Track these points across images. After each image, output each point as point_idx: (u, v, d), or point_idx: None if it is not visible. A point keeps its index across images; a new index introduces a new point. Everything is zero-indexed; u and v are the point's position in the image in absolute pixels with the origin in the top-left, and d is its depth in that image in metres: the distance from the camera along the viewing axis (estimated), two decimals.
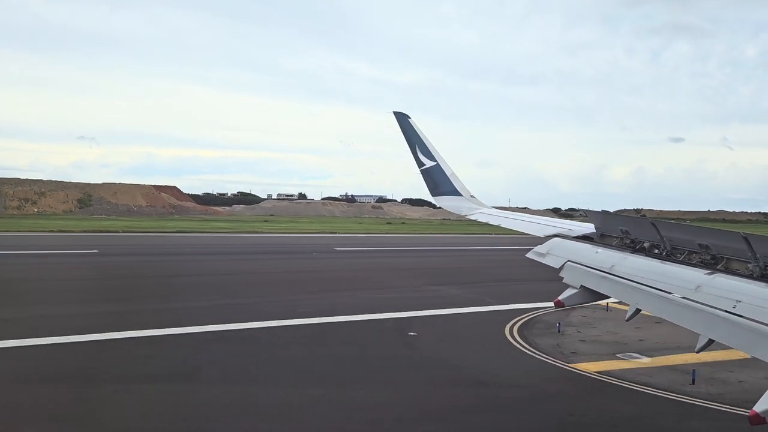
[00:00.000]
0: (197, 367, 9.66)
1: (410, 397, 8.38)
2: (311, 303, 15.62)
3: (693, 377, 9.24)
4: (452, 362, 10.43)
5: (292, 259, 27.86)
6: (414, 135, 9.59)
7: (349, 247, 34.45)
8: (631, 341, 12.17)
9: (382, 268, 24.57)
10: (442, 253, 33.68)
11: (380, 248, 34.33)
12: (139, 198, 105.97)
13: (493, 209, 9.33)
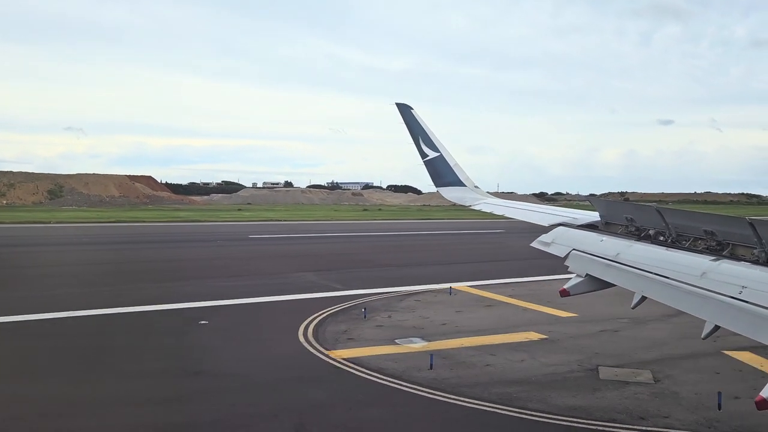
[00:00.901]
0: None
1: (101, 390, 8.07)
2: (144, 293, 15.30)
3: (431, 362, 9.04)
4: (208, 352, 10.04)
5: (189, 247, 27.71)
6: (417, 126, 9.50)
7: (275, 234, 34.29)
8: (432, 326, 11.95)
9: (274, 255, 24.38)
10: (366, 240, 33.47)
11: (303, 235, 34.17)
12: (112, 188, 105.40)
13: (496, 199, 9.26)
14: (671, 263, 4.31)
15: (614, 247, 5.06)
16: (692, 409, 7.58)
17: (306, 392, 8.07)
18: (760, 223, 3.81)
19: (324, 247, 28.85)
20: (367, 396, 8.01)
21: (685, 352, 10.40)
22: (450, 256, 25.98)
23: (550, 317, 13.02)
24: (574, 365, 9.41)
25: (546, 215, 7.12)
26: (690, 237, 4.59)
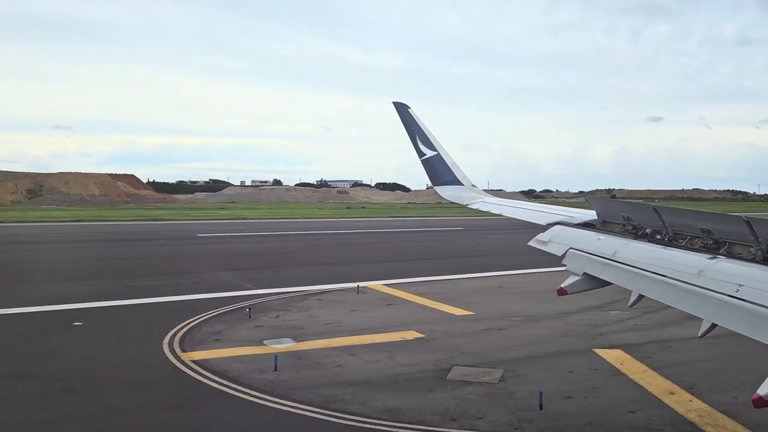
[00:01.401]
0: None
1: None
2: (35, 292, 15.10)
3: (275, 363, 8.89)
4: (58, 355, 9.83)
5: (126, 246, 27.38)
6: (414, 125, 9.49)
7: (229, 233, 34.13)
8: (314, 326, 11.76)
9: (206, 254, 24.24)
10: (321, 237, 33.34)
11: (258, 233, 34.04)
12: (93, 187, 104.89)
13: (493, 198, 9.30)
14: (668, 262, 4.32)
15: (611, 246, 5.05)
16: (514, 409, 7.45)
17: (123, 396, 7.87)
18: (756, 221, 3.82)
19: (269, 245, 28.66)
20: (186, 399, 7.82)
21: (554, 350, 10.28)
22: (394, 253, 25.87)
23: (445, 316, 12.89)
24: (429, 365, 9.26)
25: (543, 214, 7.09)
26: (687, 235, 4.60)
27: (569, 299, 14.76)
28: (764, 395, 3.02)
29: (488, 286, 16.85)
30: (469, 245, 29.53)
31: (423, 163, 9.49)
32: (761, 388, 3.05)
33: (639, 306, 16.06)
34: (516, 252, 26.68)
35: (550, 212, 7.16)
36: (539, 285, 17.30)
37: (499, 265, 21.10)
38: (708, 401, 7.75)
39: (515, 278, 18.58)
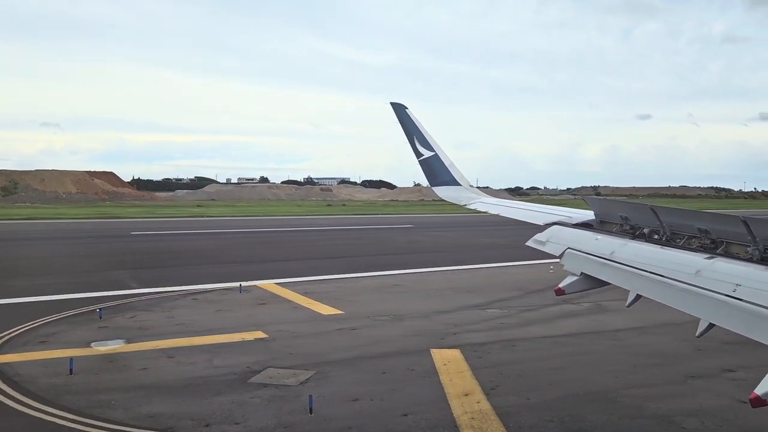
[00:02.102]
0: None
1: None
2: None
3: (70, 366, 8.57)
4: None
5: (42, 245, 26.87)
6: (411, 125, 9.45)
7: (169, 231, 33.86)
8: (162, 327, 11.42)
9: (122, 252, 23.84)
10: (263, 235, 33.04)
11: (199, 231, 33.77)
12: (69, 185, 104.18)
13: (491, 198, 9.29)
14: (666, 261, 4.32)
15: (609, 246, 5.03)
16: (283, 414, 7.15)
17: None
18: (753, 221, 3.81)
19: (195, 243, 28.26)
20: None
21: (391, 350, 10.00)
22: (318, 251, 25.55)
23: (311, 316, 12.59)
24: (242, 368, 8.95)
25: (541, 214, 7.03)
26: (684, 235, 4.59)
27: (454, 298, 14.57)
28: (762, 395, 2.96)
29: (384, 285, 16.57)
30: (403, 242, 29.29)
31: (421, 163, 9.49)
32: (759, 388, 2.99)
33: (517, 305, 15.91)
34: (444, 249, 26.48)
35: (547, 212, 7.14)
36: (438, 283, 17.07)
37: (417, 263, 20.86)
38: (495, 402, 7.49)
39: (419, 276, 18.33)
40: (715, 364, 9.26)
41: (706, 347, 10.55)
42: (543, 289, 16.06)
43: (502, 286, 16.39)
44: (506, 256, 23.32)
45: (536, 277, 18.42)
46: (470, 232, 36.65)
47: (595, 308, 13.76)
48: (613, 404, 7.59)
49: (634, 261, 4.63)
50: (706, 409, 7.43)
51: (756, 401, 2.99)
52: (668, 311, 12.87)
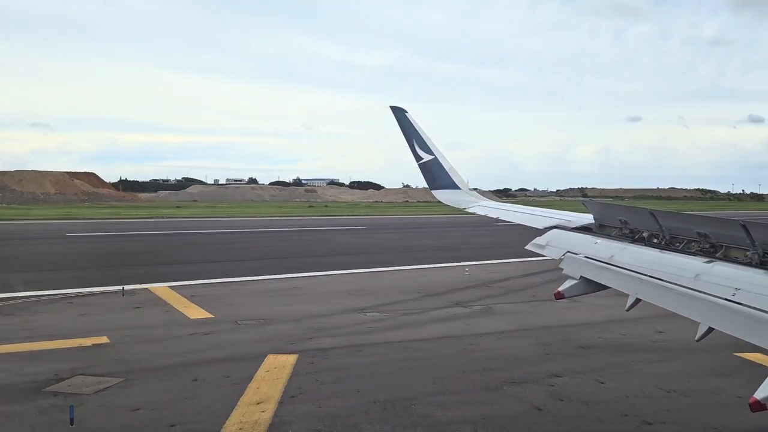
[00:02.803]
0: None
1: None
2: None
3: None
4: None
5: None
6: (411, 129, 9.39)
7: (121, 231, 33.53)
8: (8, 332, 11.11)
9: (37, 255, 23.45)
10: (202, 237, 32.69)
11: (141, 232, 33.40)
12: (48, 185, 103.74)
13: (491, 202, 9.22)
14: (665, 265, 4.29)
15: (608, 250, 5.04)
16: (50, 426, 6.85)
17: None
18: (752, 225, 3.82)
19: (131, 245, 27.93)
20: None
21: (226, 356, 9.67)
22: (254, 253, 25.24)
23: (175, 319, 12.26)
24: (49, 375, 8.59)
25: (540, 218, 7.04)
26: (683, 239, 4.56)
27: (345, 301, 14.27)
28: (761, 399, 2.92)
29: (282, 288, 16.27)
30: (341, 244, 29.04)
31: (420, 167, 9.45)
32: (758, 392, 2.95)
33: (403, 309, 15.64)
34: (377, 252, 26.17)
35: (546, 216, 7.13)
36: (340, 285, 16.77)
37: (336, 265, 20.56)
38: (282, 411, 7.17)
39: (327, 278, 18.02)
40: (545, 370, 9.00)
41: (557, 352, 10.33)
42: (444, 292, 15.83)
43: (404, 289, 16.11)
44: (438, 258, 23.10)
45: (449, 279, 18.19)
46: (425, 233, 36.45)
47: (483, 312, 13.51)
48: (403, 412, 7.30)
49: (633, 265, 4.61)
50: (492, 416, 7.15)
51: (755, 405, 2.93)
52: (551, 316, 12.45)
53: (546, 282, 17.98)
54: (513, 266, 21.15)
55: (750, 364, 9.57)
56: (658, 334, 11.54)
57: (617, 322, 12.68)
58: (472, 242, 31.54)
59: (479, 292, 16.01)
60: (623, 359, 9.75)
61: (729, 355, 10.15)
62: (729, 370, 9.13)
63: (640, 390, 8.21)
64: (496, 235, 34.25)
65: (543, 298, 15.17)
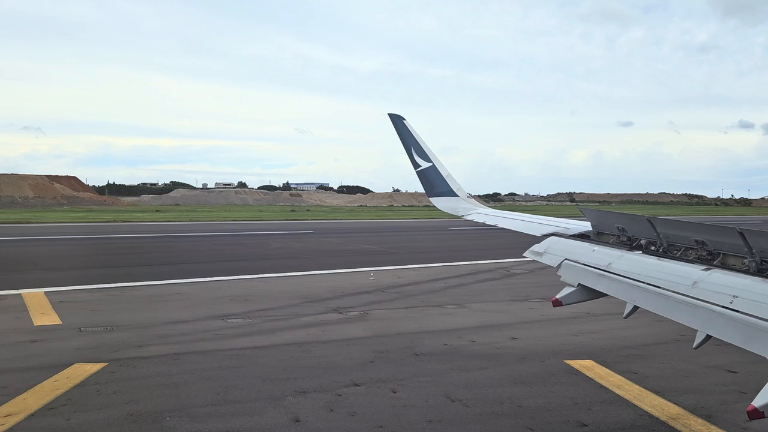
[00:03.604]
0: None
1: None
2: None
3: None
4: None
5: None
6: (409, 136, 9.39)
7: (67, 235, 33.14)
8: None
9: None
10: (151, 240, 32.33)
11: (85, 236, 33.02)
12: (27, 189, 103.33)
13: (488, 209, 9.20)
14: (662, 273, 4.31)
15: (606, 257, 5.01)
16: None
17: None
18: (750, 232, 3.83)
19: (59, 249, 27.44)
20: None
21: (31, 365, 9.33)
22: (176, 257, 24.89)
23: (23, 326, 11.88)
24: None
25: (538, 225, 7.04)
26: (681, 246, 4.60)
27: (217, 307, 13.92)
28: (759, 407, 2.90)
29: (165, 293, 15.88)
30: (273, 248, 28.71)
31: (418, 174, 9.44)
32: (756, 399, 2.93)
33: (272, 315, 15.28)
34: (299, 256, 25.80)
35: (545, 223, 7.11)
36: (227, 291, 16.39)
37: (251, 269, 20.20)
38: None
39: (218, 284, 17.60)
40: (349, 379, 8.67)
41: (386, 359, 10.00)
42: (331, 298, 15.51)
43: (292, 294, 15.76)
44: (361, 262, 22.80)
45: (348, 284, 17.87)
46: (374, 238, 36.11)
47: (354, 318, 13.18)
48: (150, 425, 6.94)
49: (631, 272, 4.58)
50: (240, 429, 6.81)
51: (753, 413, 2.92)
52: (421, 322, 11.97)
53: (447, 288, 17.69)
54: (430, 271, 20.84)
55: (572, 371, 9.28)
56: (511, 341, 11.24)
57: (484, 328, 12.41)
58: (416, 247, 31.22)
59: (369, 297, 15.69)
60: (442, 367, 9.42)
61: (559, 362, 9.88)
62: (541, 378, 8.82)
63: (425, 400, 7.88)
64: (455, 239, 34.01)
65: (431, 304, 14.89)
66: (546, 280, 19.33)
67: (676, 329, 12.30)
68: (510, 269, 21.42)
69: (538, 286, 17.99)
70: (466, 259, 24.42)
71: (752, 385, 8.31)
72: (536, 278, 19.48)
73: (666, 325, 12.61)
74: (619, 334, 11.87)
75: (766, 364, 3.25)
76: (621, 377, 8.97)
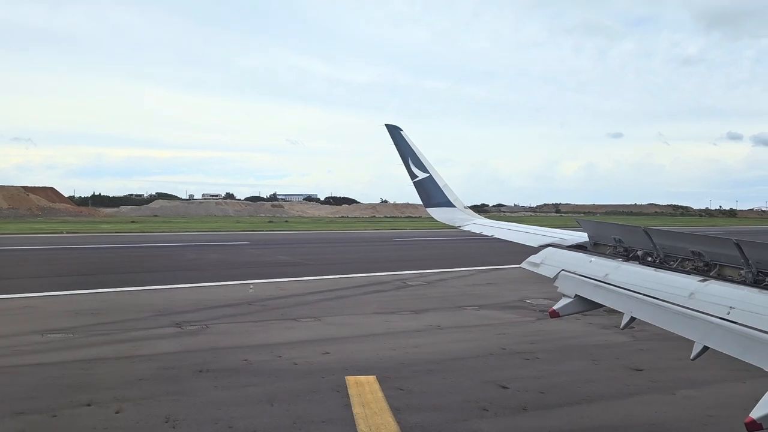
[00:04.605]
0: None
1: None
2: None
3: None
4: None
5: None
6: (406, 147, 9.40)
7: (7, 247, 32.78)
8: None
9: None
10: (86, 251, 31.91)
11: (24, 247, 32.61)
12: (1, 200, 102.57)
13: (485, 220, 9.20)
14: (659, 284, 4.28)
15: (603, 268, 5.01)
16: None
17: None
18: (746, 243, 3.81)
19: None
20: None
21: None
22: (89, 268, 24.48)
23: None
24: None
25: (534, 236, 7.00)
26: (677, 258, 4.58)
27: (58, 321, 13.49)
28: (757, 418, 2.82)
29: (15, 306, 15.47)
30: (184, 260, 28.31)
31: (415, 185, 9.44)
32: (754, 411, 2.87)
33: (107, 329, 14.69)
34: (200, 268, 25.36)
35: (541, 234, 7.09)
36: (84, 304, 15.95)
37: (131, 282, 19.78)
38: None
39: (78, 297, 17.19)
40: (74, 400, 8.23)
41: (159, 377, 9.55)
42: (186, 311, 15.09)
43: (146, 308, 15.28)
44: (251, 274, 22.35)
45: (219, 296, 17.46)
46: (310, 249, 35.70)
47: (191, 332, 12.76)
48: None
49: (628, 283, 4.58)
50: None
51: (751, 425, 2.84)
52: (255, 336, 11.26)
53: (323, 300, 17.29)
54: (321, 283, 20.44)
55: (338, 388, 8.89)
56: (321, 356, 10.85)
57: (311, 342, 12.05)
58: (338, 258, 30.79)
59: (229, 311, 15.25)
60: (207, 385, 9.00)
61: (339, 378, 9.49)
62: (296, 396, 8.41)
63: (138, 421, 7.46)
64: (390, 251, 33.57)
65: (288, 317, 14.49)
66: (435, 291, 18.96)
67: (488, 344, 11.97)
68: (407, 281, 21.02)
69: (421, 298, 17.62)
70: (378, 270, 24.02)
71: None
72: (425, 290, 19.10)
73: (479, 341, 12.24)
74: (439, 348, 11.51)
75: None
76: (381, 394, 8.57)
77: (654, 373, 9.81)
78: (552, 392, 8.75)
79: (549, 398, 8.50)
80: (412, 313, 15.16)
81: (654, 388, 9.02)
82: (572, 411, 8.00)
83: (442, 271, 23.90)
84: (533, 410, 7.98)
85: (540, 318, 14.85)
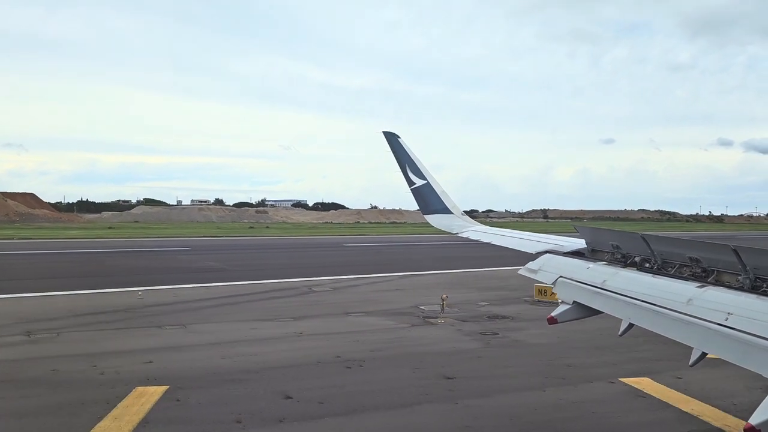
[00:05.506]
0: None
1: None
2: None
3: None
4: None
5: None
6: (404, 154, 9.40)
7: None
8: None
9: None
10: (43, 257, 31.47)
11: None
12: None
13: (483, 227, 9.20)
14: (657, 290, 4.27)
15: (601, 275, 5.02)
16: None
17: None
18: (744, 250, 3.81)
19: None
20: None
21: None
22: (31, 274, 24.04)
23: None
24: None
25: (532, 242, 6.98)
26: (675, 264, 4.57)
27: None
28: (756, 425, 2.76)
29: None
30: (106, 265, 27.86)
31: (413, 192, 9.44)
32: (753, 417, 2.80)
33: None
34: (139, 272, 24.91)
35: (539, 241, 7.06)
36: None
37: (26, 288, 19.35)
38: None
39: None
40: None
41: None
42: (53, 318, 14.68)
43: (12, 316, 14.84)
44: (161, 280, 21.91)
45: (97, 303, 17.00)
46: (247, 255, 35.29)
47: (37, 340, 12.31)
48: None
49: (626, 290, 4.57)
50: None
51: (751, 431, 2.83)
52: (108, 343, 10.60)
53: (210, 306, 16.87)
54: (224, 289, 19.99)
55: (118, 397, 8.46)
56: (143, 365, 10.42)
57: (155, 350, 11.65)
58: (266, 264, 30.30)
59: (97, 318, 14.80)
60: None
61: (128, 389, 9.07)
62: (55, 409, 7.98)
63: None
64: (332, 257, 33.15)
65: (155, 324, 14.05)
66: (334, 298, 18.54)
67: (329, 351, 11.55)
68: (316, 287, 20.59)
69: (313, 304, 17.17)
70: (296, 276, 23.61)
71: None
72: (326, 297, 18.68)
73: (324, 348, 11.80)
74: (274, 356, 11.10)
75: None
76: (150, 406, 8.15)
77: (460, 382, 9.41)
78: (330, 402, 8.33)
79: (320, 409, 8.08)
80: (290, 320, 14.74)
81: (444, 397, 8.61)
82: (333, 421, 7.59)
83: (360, 277, 23.47)
84: (290, 422, 7.56)
85: (417, 324, 14.47)
